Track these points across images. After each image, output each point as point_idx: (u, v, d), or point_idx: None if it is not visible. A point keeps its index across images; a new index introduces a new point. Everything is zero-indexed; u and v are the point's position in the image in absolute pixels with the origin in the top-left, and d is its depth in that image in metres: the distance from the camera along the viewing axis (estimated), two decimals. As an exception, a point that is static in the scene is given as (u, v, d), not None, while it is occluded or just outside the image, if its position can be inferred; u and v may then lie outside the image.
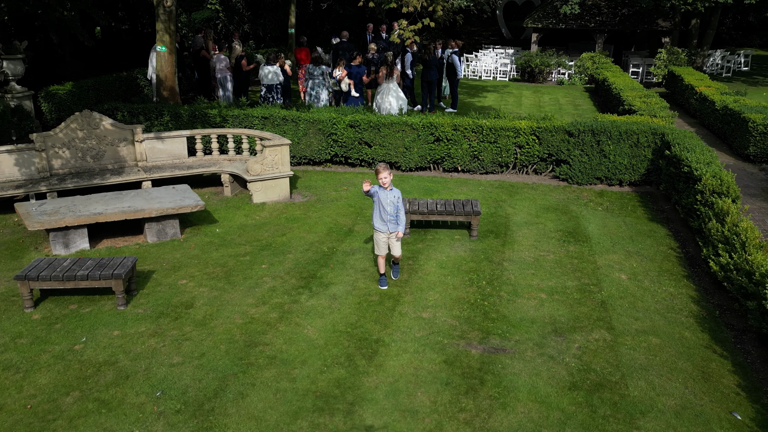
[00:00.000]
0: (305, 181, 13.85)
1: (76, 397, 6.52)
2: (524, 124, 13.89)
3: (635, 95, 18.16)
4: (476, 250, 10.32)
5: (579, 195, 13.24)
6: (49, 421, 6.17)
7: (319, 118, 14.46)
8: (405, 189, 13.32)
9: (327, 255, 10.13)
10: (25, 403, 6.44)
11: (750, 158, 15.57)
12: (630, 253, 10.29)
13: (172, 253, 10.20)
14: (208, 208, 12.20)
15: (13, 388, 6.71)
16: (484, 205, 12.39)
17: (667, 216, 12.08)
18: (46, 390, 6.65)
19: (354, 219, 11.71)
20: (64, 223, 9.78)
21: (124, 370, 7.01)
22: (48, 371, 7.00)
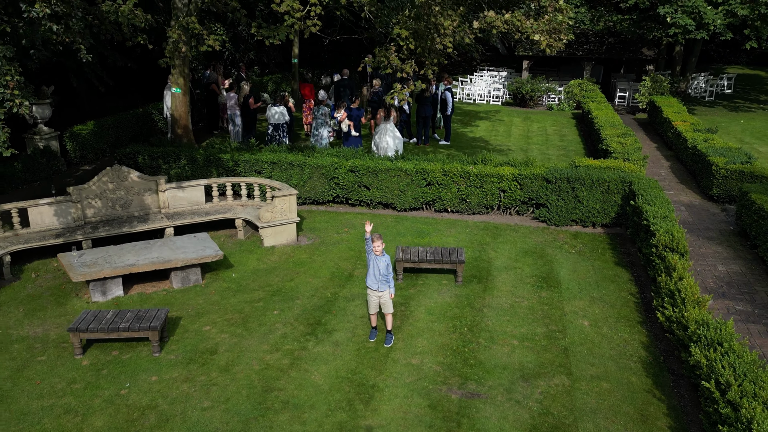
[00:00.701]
0: (310, 223, 15.37)
1: None
2: (507, 171, 15.40)
3: (613, 134, 19.64)
4: (460, 295, 11.85)
5: (555, 237, 14.76)
6: None
7: (322, 164, 15.97)
8: (399, 231, 14.84)
9: (330, 301, 11.65)
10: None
11: (714, 198, 17.08)
12: (594, 299, 11.81)
13: (195, 299, 11.72)
14: (224, 251, 13.71)
15: (75, 430, 8.23)
16: (470, 248, 13.90)
17: (632, 260, 13.60)
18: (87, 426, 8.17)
19: (354, 263, 13.23)
20: (103, 275, 11.30)
21: (164, 413, 8.53)
22: (101, 414, 8.52)
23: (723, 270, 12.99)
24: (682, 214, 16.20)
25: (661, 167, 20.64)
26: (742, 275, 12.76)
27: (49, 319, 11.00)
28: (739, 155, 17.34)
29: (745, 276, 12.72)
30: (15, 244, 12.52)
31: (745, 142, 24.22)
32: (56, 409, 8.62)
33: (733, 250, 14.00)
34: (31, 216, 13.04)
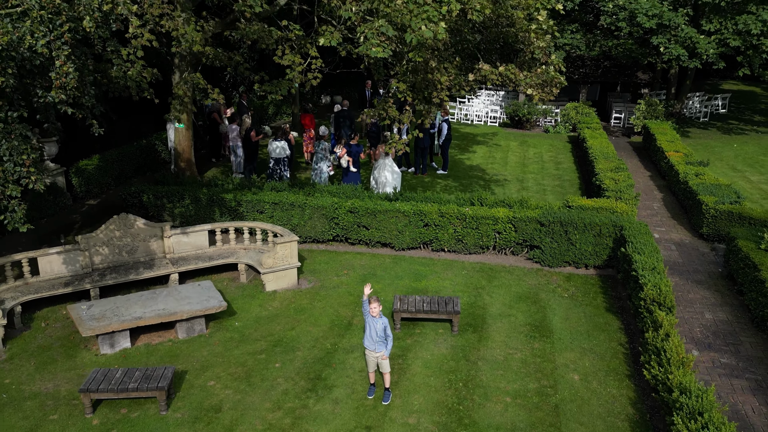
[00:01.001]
0: (310, 264, 15.80)
1: None
2: (502, 213, 15.85)
3: (607, 168, 20.06)
4: (456, 346, 12.29)
5: (549, 279, 15.20)
6: None
7: (322, 204, 16.41)
8: (397, 273, 15.27)
9: (330, 352, 12.09)
10: None
11: (704, 237, 17.52)
12: (585, 350, 12.26)
13: (200, 350, 12.16)
14: (228, 296, 14.15)
15: None
16: (465, 293, 14.35)
17: (622, 305, 14.04)
18: None
19: (353, 310, 13.66)
20: (111, 329, 11.74)
21: None
22: None
23: (710, 318, 13.43)
24: (672, 254, 16.63)
25: (654, 199, 21.07)
26: (728, 324, 13.20)
27: (60, 373, 11.44)
28: (729, 194, 17.78)
29: (731, 325, 13.17)
30: (25, 293, 12.94)
31: (738, 170, 24.68)
32: None
33: (720, 295, 14.45)
34: (41, 264, 13.47)
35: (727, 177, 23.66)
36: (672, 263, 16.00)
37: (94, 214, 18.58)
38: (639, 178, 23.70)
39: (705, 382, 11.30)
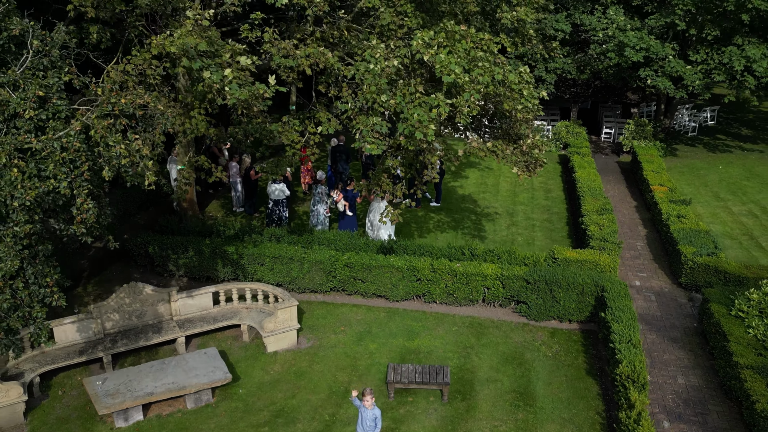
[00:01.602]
0: (309, 319, 16.68)
1: None
2: (490, 270, 16.73)
3: (593, 210, 20.84)
4: (446, 418, 13.26)
5: (534, 336, 16.15)
6: None
7: (320, 259, 17.25)
8: (391, 331, 16.19)
9: (329, 425, 13.06)
10: None
11: (682, 285, 18.46)
12: (565, 421, 13.25)
13: (207, 422, 13.10)
14: (231, 357, 15.07)
15: None
16: (455, 353, 15.29)
17: (601, 366, 15.01)
18: None
19: (349, 374, 14.59)
20: (125, 406, 12.67)
21: None
22: None
23: (682, 383, 14.42)
24: (651, 305, 17.57)
25: (638, 237, 21.96)
26: (698, 390, 14.20)
27: (79, 448, 12.37)
28: (707, 243, 18.68)
29: (701, 391, 14.16)
30: (43, 364, 13.82)
31: (721, 199, 25.54)
32: None
33: (693, 355, 15.42)
34: (57, 333, 14.32)
35: (710, 208, 24.54)
36: (650, 317, 16.94)
37: (100, 259, 19.34)
38: (625, 209, 24.54)
39: (673, 458, 12.32)
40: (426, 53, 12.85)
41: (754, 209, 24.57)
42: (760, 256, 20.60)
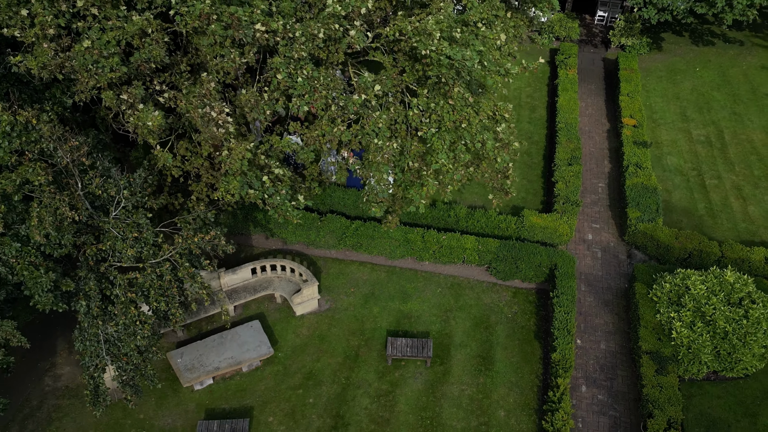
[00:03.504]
0: (326, 279, 21.32)
1: None
2: (469, 244, 21.03)
3: (564, 160, 24.31)
4: (428, 381, 18.64)
5: (500, 296, 21.01)
6: None
7: (332, 228, 21.42)
8: (390, 293, 20.98)
9: (345, 386, 18.46)
10: None
11: (625, 242, 22.85)
12: (512, 385, 18.66)
13: (258, 384, 18.49)
14: (269, 319, 20.06)
15: None
16: (437, 318, 20.25)
17: (547, 328, 20.08)
18: None
19: (359, 339, 19.69)
20: (201, 379, 17.97)
21: None
22: None
23: (603, 349, 19.62)
24: (596, 263, 22.15)
25: (602, 176, 25.66)
26: (613, 356, 19.44)
27: (173, 408, 17.90)
28: (651, 206, 22.56)
29: (615, 357, 19.42)
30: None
31: (685, 119, 28.62)
32: None
33: (618, 319, 20.41)
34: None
35: (672, 133, 27.79)
36: (592, 278, 21.61)
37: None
38: (597, 134, 27.78)
39: (582, 419, 17.93)
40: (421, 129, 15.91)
41: (712, 134, 27.84)
42: (699, 199, 24.63)
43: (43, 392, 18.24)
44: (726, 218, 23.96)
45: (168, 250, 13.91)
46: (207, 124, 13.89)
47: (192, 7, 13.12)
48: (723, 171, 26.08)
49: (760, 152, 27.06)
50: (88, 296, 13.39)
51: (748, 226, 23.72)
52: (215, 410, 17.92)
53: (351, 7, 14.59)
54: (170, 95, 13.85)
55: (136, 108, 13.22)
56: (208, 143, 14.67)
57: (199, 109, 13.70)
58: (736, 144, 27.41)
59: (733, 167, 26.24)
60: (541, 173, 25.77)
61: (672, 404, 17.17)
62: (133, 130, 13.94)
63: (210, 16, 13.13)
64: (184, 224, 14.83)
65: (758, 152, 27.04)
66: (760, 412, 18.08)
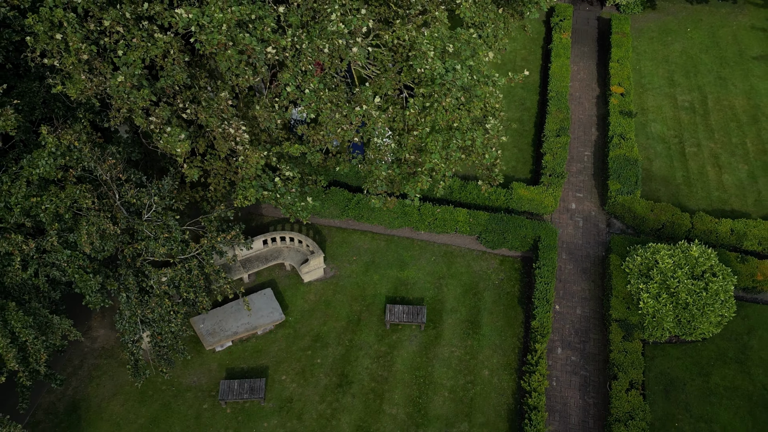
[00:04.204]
0: (330, 247, 23.47)
1: None
2: (461, 217, 23.05)
3: (552, 132, 25.95)
4: (422, 344, 21.10)
5: (489, 264, 23.22)
6: None
7: (336, 200, 23.38)
8: (388, 261, 23.16)
9: (348, 348, 20.94)
10: None
11: (605, 211, 24.84)
12: (496, 347, 21.14)
13: (272, 346, 20.97)
14: (279, 285, 22.34)
15: None
16: (431, 285, 22.51)
17: (528, 295, 22.40)
18: None
19: (360, 305, 22.03)
20: (221, 342, 20.43)
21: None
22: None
23: (579, 314, 21.99)
24: (578, 232, 24.23)
25: (588, 144, 27.34)
26: (587, 321, 21.84)
27: (197, 368, 20.44)
28: (631, 178, 24.40)
29: (589, 321, 21.81)
30: (160, 306, 21.17)
31: (672, 84, 29.98)
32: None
33: (594, 286, 22.69)
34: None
35: (658, 98, 29.22)
36: (573, 246, 23.74)
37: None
38: (586, 100, 29.24)
39: (556, 378, 20.49)
40: (416, 128, 17.63)
41: (696, 100, 29.29)
42: (678, 168, 26.44)
43: (83, 353, 20.71)
44: (701, 187, 25.83)
45: (195, 247, 15.97)
46: (226, 139, 15.60)
47: (210, 35, 14.58)
48: (703, 138, 27.71)
49: (740, 119, 28.59)
50: (128, 288, 15.53)
51: (721, 194, 25.62)
52: (234, 369, 20.44)
53: (353, 25, 15.99)
54: (192, 110, 15.47)
55: (164, 130, 14.89)
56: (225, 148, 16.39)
57: (219, 128, 15.37)
58: (718, 110, 28.90)
59: (713, 135, 27.85)
60: (531, 141, 27.42)
61: (634, 368, 19.64)
62: (162, 149, 15.70)
63: (227, 44, 14.61)
64: (207, 222, 16.80)
65: (738, 119, 28.57)
66: (713, 372, 20.60)
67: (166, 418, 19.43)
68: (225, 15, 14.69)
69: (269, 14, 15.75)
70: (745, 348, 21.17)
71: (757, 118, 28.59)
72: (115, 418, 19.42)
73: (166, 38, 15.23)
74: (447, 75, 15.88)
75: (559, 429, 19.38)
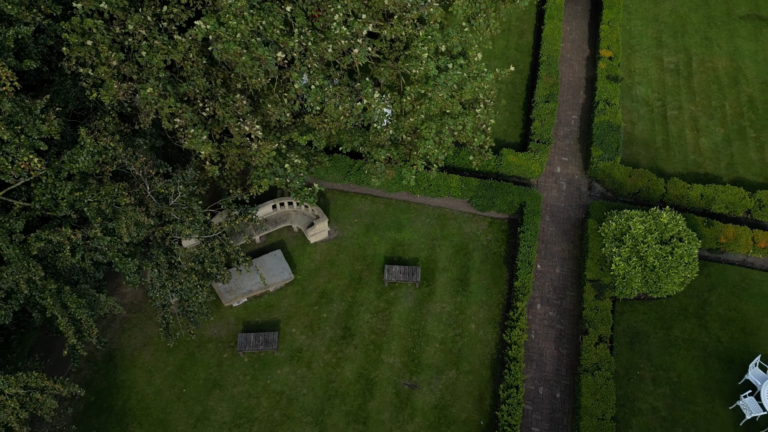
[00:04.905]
0: (333, 210, 25.67)
1: (279, 409, 21.33)
2: (454, 183, 25.15)
3: (542, 97, 27.61)
4: (416, 300, 23.68)
5: (479, 225, 25.51)
6: (251, 420, 21.12)
7: (338, 166, 25.41)
8: (387, 223, 25.43)
9: (351, 304, 23.53)
10: (251, 405, 21.30)
11: (587, 175, 26.87)
12: (482, 303, 23.71)
13: (282, 301, 23.55)
14: (288, 246, 24.71)
15: (255, 406, 21.43)
16: (425, 246, 24.86)
17: (513, 254, 24.79)
18: (260, 407, 21.39)
19: (362, 264, 24.46)
20: (238, 299, 22.99)
21: (287, 396, 21.60)
22: (264, 397, 21.59)
23: (558, 272, 24.45)
24: (561, 195, 26.37)
25: (576, 108, 29.04)
26: (565, 279, 24.32)
27: (217, 322, 23.07)
28: (613, 145, 26.31)
29: (566, 280, 24.30)
30: (182, 267, 23.62)
31: (660, 44, 31.32)
32: (244, 394, 21.65)
33: (573, 247, 25.05)
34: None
35: (645, 60, 30.66)
36: (556, 209, 25.94)
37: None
38: (576, 61, 30.69)
39: (534, 331, 23.15)
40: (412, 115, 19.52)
41: (681, 61, 30.74)
42: (658, 131, 28.28)
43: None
44: (679, 151, 27.76)
45: (216, 228, 18.17)
46: (242, 135, 17.48)
47: (227, 44, 16.25)
48: (685, 101, 29.38)
49: (722, 81, 30.14)
50: (159, 265, 17.84)
51: (697, 158, 27.59)
52: (250, 323, 23.08)
53: (354, 28, 17.59)
54: (210, 108, 17.28)
55: (188, 131, 16.75)
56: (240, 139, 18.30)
57: (235, 126, 17.22)
58: (701, 72, 30.40)
59: (694, 97, 29.50)
60: (522, 105, 29.11)
61: (603, 324, 22.25)
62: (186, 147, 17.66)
63: (241, 52, 16.29)
64: (225, 205, 18.90)
65: (720, 81, 30.12)
66: (674, 325, 23.24)
67: (191, 366, 22.20)
68: (239, 25, 16.31)
69: (277, 16, 17.33)
70: (704, 304, 23.72)
71: (737, 80, 30.12)
72: (147, 366, 22.18)
73: (186, 42, 16.89)
74: (440, 77, 17.61)
75: (535, 377, 22.17)
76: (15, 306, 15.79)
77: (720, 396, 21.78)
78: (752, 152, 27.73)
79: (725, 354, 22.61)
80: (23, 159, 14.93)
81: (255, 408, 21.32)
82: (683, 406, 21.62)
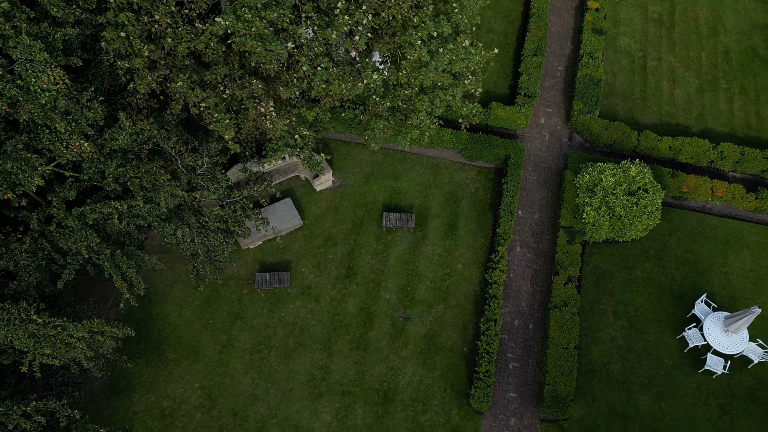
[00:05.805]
0: (337, 160, 28.46)
1: (292, 337, 25.12)
2: (447, 136, 27.83)
3: (530, 51, 29.70)
4: (411, 243, 26.96)
5: (468, 175, 28.40)
6: (269, 346, 24.96)
7: (344, 118, 28.04)
8: (386, 173, 28.30)
9: (353, 247, 26.83)
10: (272, 332, 25.11)
11: (568, 127, 29.45)
12: (468, 246, 27.00)
13: (293, 244, 26.84)
14: (296, 193, 27.73)
15: (272, 335, 25.20)
16: (419, 194, 27.86)
17: (498, 201, 27.84)
18: (276, 336, 25.16)
19: (363, 211, 27.55)
20: (254, 243, 26.29)
21: (299, 326, 25.31)
22: (279, 327, 25.32)
23: (537, 218, 27.59)
24: (543, 145, 29.08)
25: (562, 59, 31.16)
26: (542, 224, 27.48)
27: (236, 261, 26.43)
28: (593, 98, 28.72)
29: (543, 225, 27.46)
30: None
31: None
32: (262, 324, 25.37)
33: (551, 194, 28.04)
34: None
35: (630, 9, 32.43)
36: (538, 159, 28.73)
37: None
38: (565, 11, 32.46)
39: (513, 271, 26.57)
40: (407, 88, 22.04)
41: (665, 11, 32.50)
42: (637, 82, 30.60)
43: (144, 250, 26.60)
44: (654, 102, 30.18)
45: (237, 194, 21.14)
46: (258, 116, 20.06)
47: (244, 38, 18.61)
48: (664, 52, 31.46)
49: (701, 31, 32.07)
50: (189, 225, 20.95)
51: (670, 109, 30.05)
52: (265, 263, 26.46)
53: (356, 17, 19.82)
54: (230, 91, 19.78)
55: (213, 116, 19.33)
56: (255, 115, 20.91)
57: (253, 108, 19.76)
58: (683, 22, 32.26)
59: (674, 48, 31.55)
60: (512, 56, 31.23)
61: (573, 266, 25.61)
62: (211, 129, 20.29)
63: (257, 46, 18.64)
64: (244, 172, 21.74)
65: (699, 31, 32.05)
66: (636, 266, 26.61)
67: (216, 300, 25.78)
68: (254, 20, 18.62)
69: (287, 7, 19.55)
70: (664, 246, 27.00)
71: (716, 31, 32.04)
72: (177, 300, 25.76)
73: (207, 32, 19.22)
74: (431, 63, 20.00)
75: (512, 311, 25.78)
76: (76, 265, 19.06)
77: (670, 327, 25.44)
78: (722, 103, 30.13)
79: (678, 291, 26.10)
80: (75, 144, 17.68)
81: (272, 336, 25.06)
82: (637, 335, 25.32)
